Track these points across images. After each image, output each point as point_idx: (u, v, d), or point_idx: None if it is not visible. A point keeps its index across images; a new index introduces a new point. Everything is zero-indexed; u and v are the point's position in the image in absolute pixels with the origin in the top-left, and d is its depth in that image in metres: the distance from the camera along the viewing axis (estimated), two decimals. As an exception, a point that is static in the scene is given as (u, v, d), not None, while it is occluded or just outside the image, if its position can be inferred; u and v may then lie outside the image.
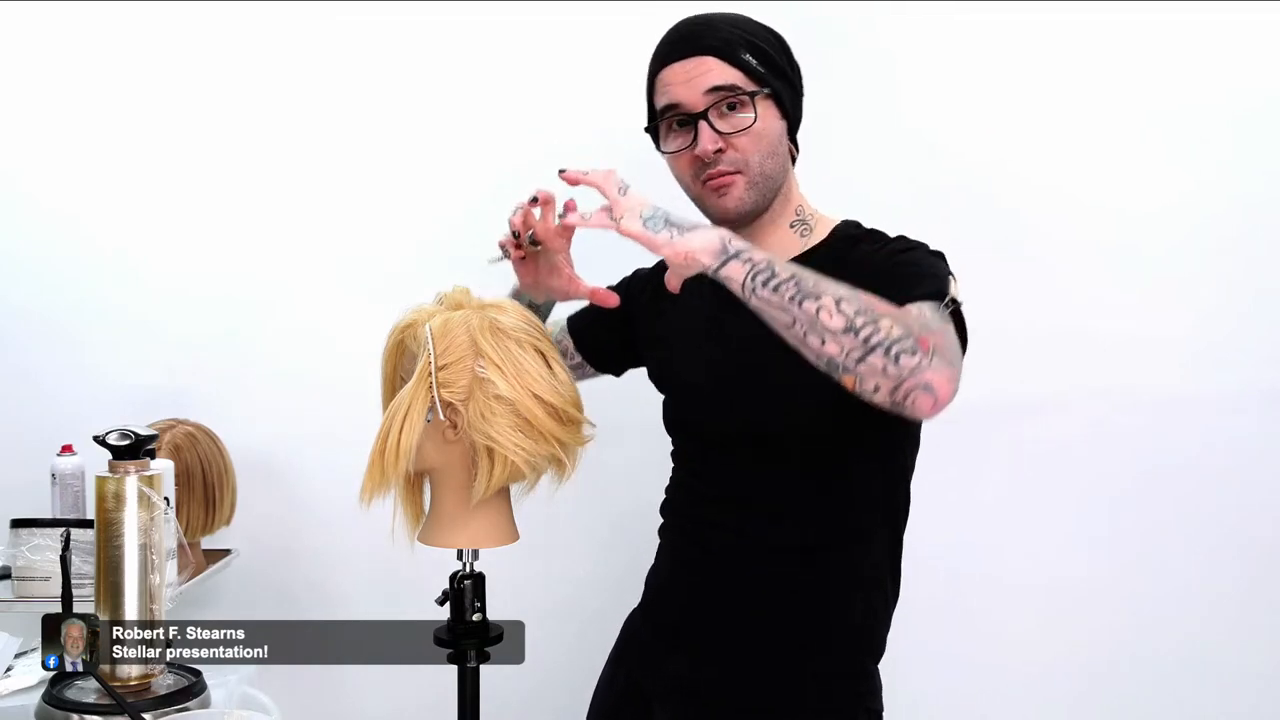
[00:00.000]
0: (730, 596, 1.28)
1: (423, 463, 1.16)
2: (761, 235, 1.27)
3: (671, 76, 1.22)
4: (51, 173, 2.07)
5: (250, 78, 2.05)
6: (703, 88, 1.20)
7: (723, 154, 1.21)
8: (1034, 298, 1.99)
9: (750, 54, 1.21)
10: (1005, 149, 1.98)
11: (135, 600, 1.26)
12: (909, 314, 1.04)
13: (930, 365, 0.98)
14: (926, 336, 1.00)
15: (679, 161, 1.25)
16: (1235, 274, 1.98)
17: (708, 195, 1.24)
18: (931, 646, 2.00)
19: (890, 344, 0.98)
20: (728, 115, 1.21)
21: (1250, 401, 1.98)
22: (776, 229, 1.28)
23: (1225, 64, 1.96)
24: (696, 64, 1.21)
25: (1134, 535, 2.00)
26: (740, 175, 1.22)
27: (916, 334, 0.99)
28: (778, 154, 1.24)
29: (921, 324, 1.02)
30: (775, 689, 1.25)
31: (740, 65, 1.20)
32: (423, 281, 1.24)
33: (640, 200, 1.09)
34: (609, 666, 1.45)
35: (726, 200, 1.23)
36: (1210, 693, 2.01)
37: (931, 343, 0.99)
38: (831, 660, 1.26)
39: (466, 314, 1.15)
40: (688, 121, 1.22)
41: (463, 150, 2.04)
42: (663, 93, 1.24)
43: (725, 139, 1.20)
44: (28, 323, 2.08)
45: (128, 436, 1.27)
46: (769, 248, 1.24)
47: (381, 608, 1.97)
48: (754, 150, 1.21)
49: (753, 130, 1.21)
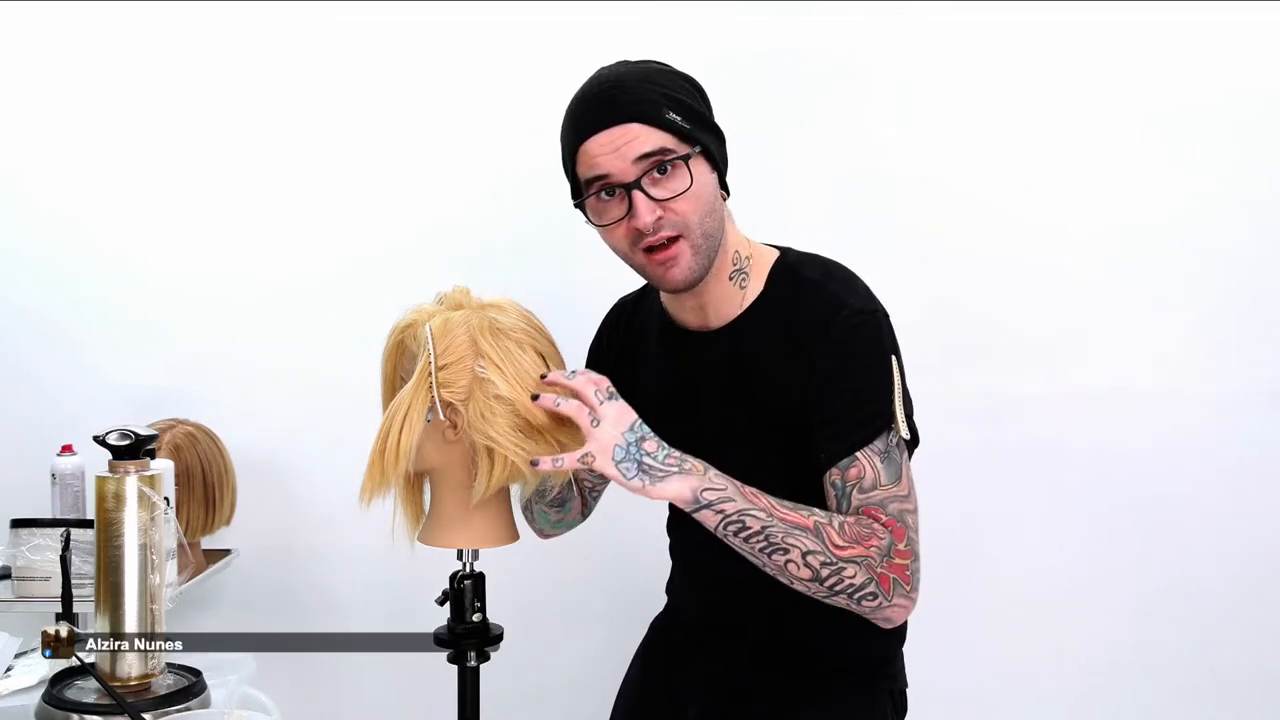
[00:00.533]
0: (747, 607, 1.28)
1: (423, 463, 1.16)
2: (704, 292, 1.23)
3: (595, 148, 1.14)
4: (51, 173, 2.07)
5: (250, 79, 2.06)
6: (631, 156, 1.13)
7: (662, 219, 1.14)
8: (1034, 298, 1.99)
9: (673, 111, 1.14)
10: (1006, 149, 1.98)
11: (135, 600, 1.25)
12: (869, 543, 1.11)
13: (889, 603, 1.13)
14: (885, 573, 1.12)
15: (614, 234, 1.18)
16: (1236, 275, 1.98)
17: (652, 268, 1.18)
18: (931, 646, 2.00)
19: (853, 592, 1.11)
20: (660, 180, 1.14)
21: (1251, 402, 1.99)
22: (719, 283, 1.23)
23: (1225, 65, 1.96)
24: (620, 132, 1.13)
25: (1134, 535, 2.00)
26: (682, 239, 1.16)
27: (878, 572, 1.11)
28: (715, 210, 1.18)
29: (881, 552, 1.12)
30: (803, 682, 1.27)
31: (666, 126, 1.14)
32: (423, 281, 1.24)
33: (613, 430, 1.10)
34: (636, 664, 1.46)
35: (675, 273, 1.17)
36: (1210, 693, 2.01)
37: (890, 578, 1.12)
38: (856, 650, 1.27)
39: (466, 314, 1.15)
40: (614, 192, 1.15)
41: (462, 151, 2.04)
42: (588, 165, 1.16)
43: (663, 205, 1.14)
44: (28, 323, 2.08)
45: (128, 436, 1.27)
46: (712, 305, 1.25)
47: (381, 608, 1.97)
48: (693, 211, 1.15)
49: (690, 193, 1.15)
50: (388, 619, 1.97)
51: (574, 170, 1.19)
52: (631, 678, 1.46)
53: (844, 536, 1.11)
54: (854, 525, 1.12)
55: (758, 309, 1.24)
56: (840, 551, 1.10)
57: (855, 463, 1.14)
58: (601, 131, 1.14)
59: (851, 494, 1.14)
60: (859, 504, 1.13)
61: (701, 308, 1.26)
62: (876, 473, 1.14)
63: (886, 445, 1.15)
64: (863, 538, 1.11)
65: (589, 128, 1.15)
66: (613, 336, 1.41)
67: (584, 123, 1.16)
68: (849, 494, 1.14)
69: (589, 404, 1.11)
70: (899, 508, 1.14)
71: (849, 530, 1.11)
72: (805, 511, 1.11)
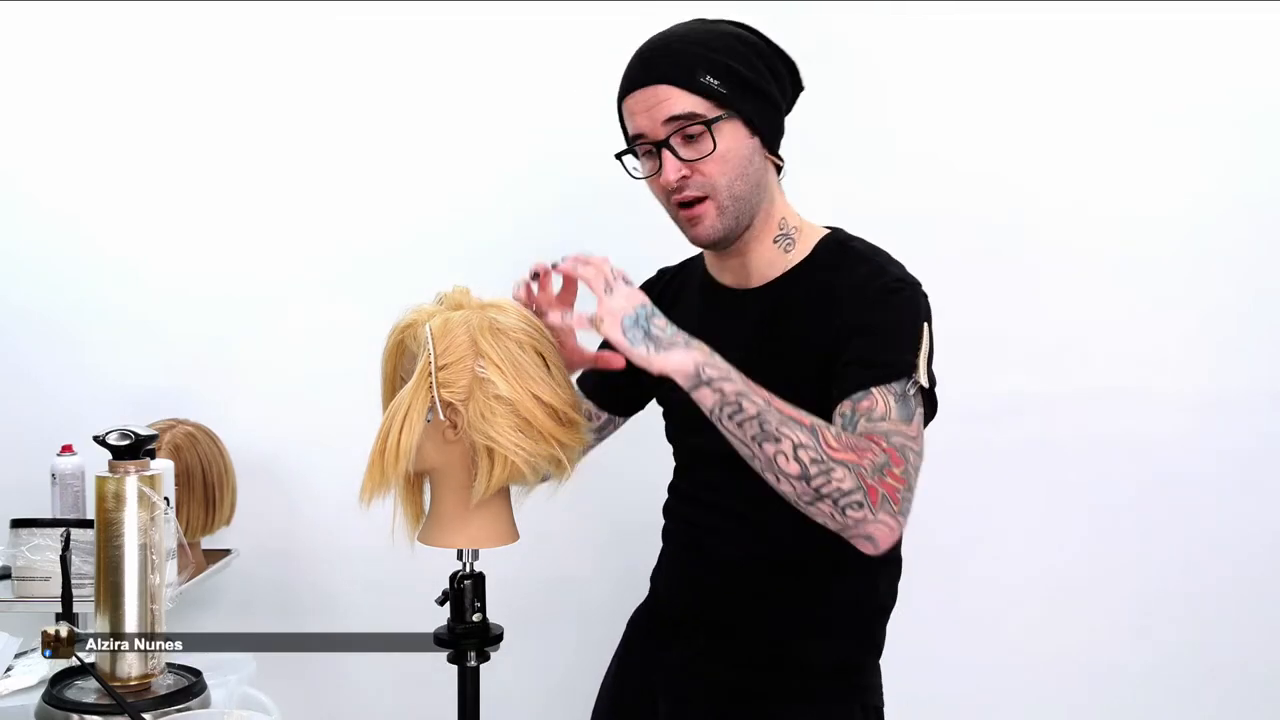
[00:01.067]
0: (729, 596, 1.30)
1: (423, 463, 1.16)
2: (745, 252, 1.28)
3: (634, 105, 1.22)
4: (52, 173, 2.07)
5: (250, 80, 2.06)
6: (661, 118, 1.19)
7: (688, 179, 1.20)
8: (1036, 299, 1.99)
9: (710, 74, 1.18)
10: (1007, 150, 1.99)
11: (135, 600, 1.25)
12: (865, 454, 1.07)
13: (874, 518, 1.07)
14: (875, 485, 1.07)
15: (652, 186, 1.25)
16: (1238, 276, 1.98)
17: (682, 223, 1.25)
18: (931, 646, 2.00)
19: (839, 497, 1.07)
20: (689, 142, 1.19)
21: (1252, 402, 1.99)
22: (760, 245, 1.28)
23: (1229, 66, 1.96)
24: (653, 93, 1.19)
25: (1134, 535, 2.00)
26: (709, 200, 1.21)
27: (868, 482, 1.07)
28: (747, 175, 1.22)
29: (874, 466, 1.07)
30: (773, 679, 1.27)
31: (698, 90, 1.18)
32: (423, 281, 1.24)
33: (625, 302, 1.12)
34: (614, 661, 1.47)
35: (699, 230, 1.23)
36: (1210, 693, 2.01)
37: (880, 492, 1.07)
38: (827, 652, 1.27)
39: (466, 314, 1.15)
40: (655, 151, 1.21)
41: (462, 151, 2.04)
42: (629, 121, 1.24)
43: (690, 165, 1.20)
44: (28, 323, 2.08)
45: (128, 436, 1.27)
46: (753, 265, 1.28)
47: (381, 608, 1.97)
48: (720, 174, 1.20)
49: (716, 156, 1.19)
50: (388, 619, 1.96)
51: (624, 124, 1.26)
52: (610, 673, 1.46)
53: (839, 442, 1.08)
54: (852, 438, 1.09)
55: (800, 272, 1.26)
56: (833, 453, 1.07)
57: (868, 395, 1.12)
58: (638, 90, 1.21)
59: (859, 422, 1.11)
60: (864, 430, 1.10)
61: (743, 267, 1.29)
62: (888, 408, 1.11)
63: (903, 390, 1.13)
64: (859, 448, 1.08)
65: (627, 85, 1.23)
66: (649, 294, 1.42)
67: (626, 80, 1.23)
68: (856, 421, 1.11)
69: (594, 290, 1.13)
70: (902, 441, 1.11)
71: (845, 439, 1.09)
72: (806, 414, 1.09)
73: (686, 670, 1.32)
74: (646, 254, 1.46)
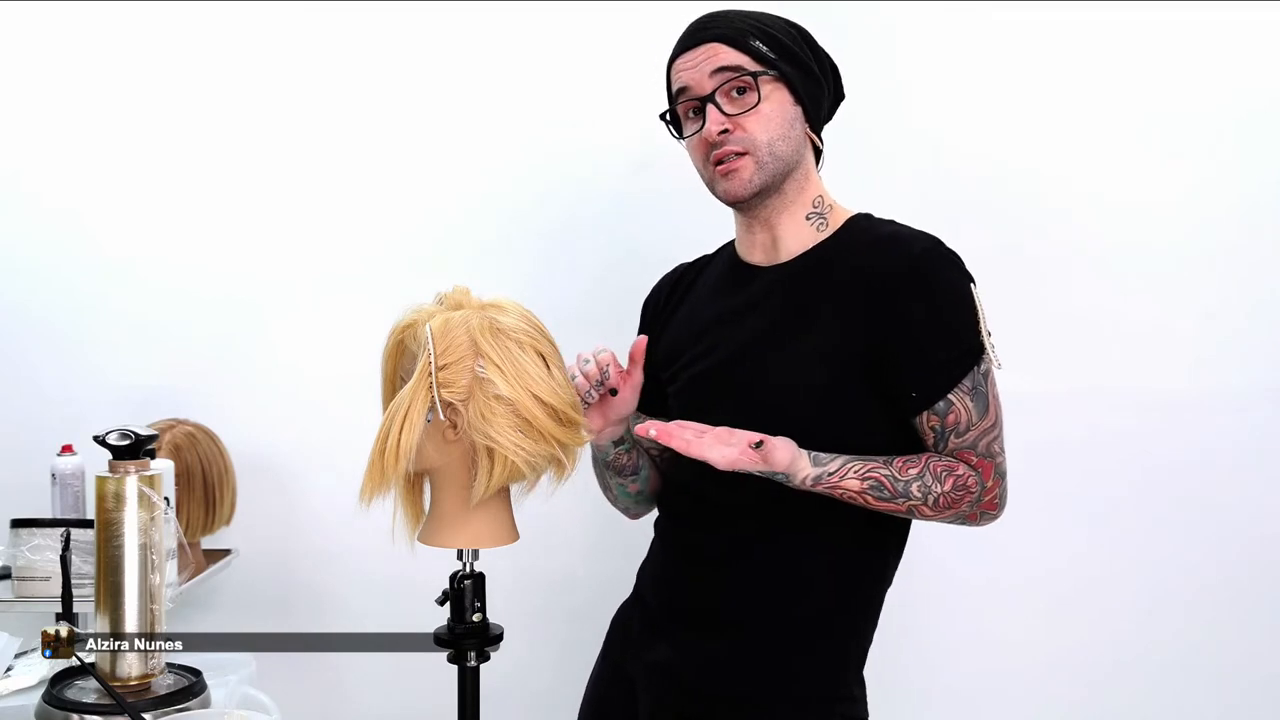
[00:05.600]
0: (715, 590, 1.30)
1: (423, 463, 1.16)
2: (776, 220, 1.30)
3: (683, 64, 1.27)
4: (53, 174, 2.07)
5: (250, 80, 2.06)
6: (709, 69, 1.24)
7: (729, 134, 1.23)
8: (1036, 297, 1.99)
9: (760, 40, 1.24)
10: (1007, 149, 1.98)
11: (135, 600, 1.25)
12: (962, 500, 1.21)
13: (978, 525, 1.26)
14: (976, 513, 1.23)
15: (693, 147, 1.28)
16: (1238, 273, 1.98)
17: (717, 179, 1.27)
18: (931, 646, 2.00)
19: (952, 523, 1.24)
20: (735, 99, 1.24)
21: (1253, 401, 1.98)
22: (793, 218, 1.30)
23: (1229, 64, 1.96)
24: (705, 50, 1.24)
25: (1135, 535, 2.00)
26: (748, 156, 1.24)
27: (969, 514, 1.23)
28: (789, 137, 1.25)
29: (973, 500, 1.22)
30: (751, 680, 1.27)
31: (747, 50, 1.23)
32: (423, 281, 1.24)
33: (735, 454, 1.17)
34: (600, 659, 1.47)
35: (733, 182, 1.25)
36: (1210, 693, 2.01)
37: (979, 513, 1.24)
38: (809, 656, 1.27)
39: (466, 314, 1.15)
40: (700, 110, 1.25)
41: (463, 151, 2.04)
42: (676, 79, 1.28)
43: (732, 120, 1.23)
44: (28, 323, 2.08)
45: (128, 436, 1.27)
46: (784, 240, 1.30)
47: (381, 608, 1.97)
48: (761, 131, 1.23)
49: (760, 111, 1.23)
50: (388, 619, 1.96)
51: (670, 87, 1.31)
52: (595, 673, 1.46)
53: (936, 509, 1.20)
54: (947, 494, 1.20)
55: (829, 246, 1.28)
56: (930, 518, 1.22)
57: (952, 408, 1.21)
58: (691, 50, 1.26)
59: (949, 438, 1.22)
60: (955, 448, 1.22)
61: (774, 243, 1.31)
62: (969, 413, 1.21)
63: (974, 380, 1.21)
64: (954, 502, 1.21)
65: (681, 46, 1.28)
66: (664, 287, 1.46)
67: (680, 43, 1.29)
68: (947, 438, 1.22)
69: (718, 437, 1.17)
70: (987, 442, 1.22)
71: (940, 502, 1.20)
72: (899, 500, 1.19)
73: (666, 668, 1.32)
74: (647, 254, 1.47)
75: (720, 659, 1.28)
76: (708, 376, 1.31)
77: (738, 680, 1.27)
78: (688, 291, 1.42)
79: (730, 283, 1.35)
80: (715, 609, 1.30)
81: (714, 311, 1.34)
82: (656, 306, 1.45)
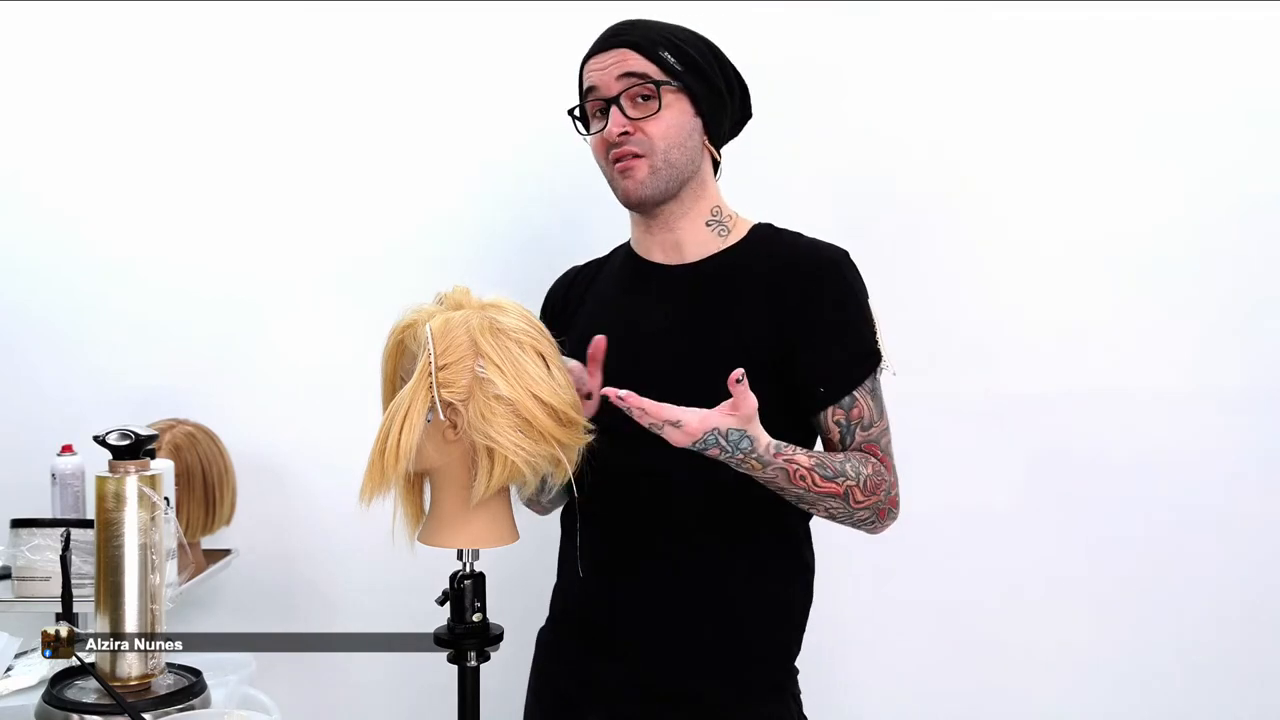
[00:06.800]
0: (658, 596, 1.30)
1: (423, 463, 1.16)
2: (676, 224, 1.35)
3: (594, 65, 1.33)
4: (53, 174, 2.07)
5: (250, 79, 2.05)
6: (616, 74, 1.30)
7: (629, 136, 1.29)
8: (1034, 298, 1.99)
9: (668, 52, 1.30)
10: (1006, 150, 1.99)
11: (135, 600, 1.25)
12: (878, 489, 1.26)
13: (881, 526, 1.30)
14: (885, 507, 1.27)
15: (595, 144, 1.34)
16: (1237, 275, 1.98)
17: (615, 176, 1.32)
18: (930, 646, 2.00)
19: (856, 523, 1.28)
20: (639, 104, 1.30)
21: (1252, 402, 1.98)
22: (692, 223, 1.35)
23: (1226, 65, 1.96)
24: (616, 54, 1.31)
25: (1134, 535, 2.00)
26: (644, 159, 1.29)
27: (880, 509, 1.27)
28: (686, 146, 1.31)
29: (886, 493, 1.27)
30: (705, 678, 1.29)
31: (655, 59, 1.29)
32: (423, 281, 1.24)
33: None
34: (532, 682, 1.46)
35: (629, 182, 1.30)
36: (1210, 693, 2.01)
37: (886, 509, 1.28)
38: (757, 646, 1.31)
39: (466, 314, 1.15)
40: (606, 110, 1.31)
41: (462, 150, 2.04)
42: (586, 78, 1.34)
43: (633, 123, 1.29)
44: (28, 323, 2.07)
45: (128, 436, 1.27)
46: (686, 242, 1.35)
47: (381, 608, 1.97)
48: (660, 137, 1.29)
49: (659, 118, 1.29)
50: (388, 619, 1.96)
51: (580, 85, 1.37)
52: (530, 699, 1.45)
53: (864, 492, 1.24)
54: (871, 477, 1.25)
55: (736, 251, 1.35)
56: (859, 506, 1.24)
57: (856, 403, 1.28)
58: (603, 53, 1.32)
59: (855, 431, 1.28)
60: (861, 441, 1.28)
61: (675, 245, 1.36)
62: (871, 411, 1.29)
63: (874, 383, 1.30)
64: (876, 487, 1.25)
65: (596, 47, 1.34)
66: (560, 290, 1.49)
67: (595, 44, 1.35)
68: (853, 431, 1.28)
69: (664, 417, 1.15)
70: (886, 440, 1.30)
71: (868, 485, 1.24)
72: (839, 480, 1.22)
73: (617, 683, 1.32)
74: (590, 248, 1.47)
75: (667, 664, 1.30)
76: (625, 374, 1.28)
77: (688, 680, 1.29)
78: (587, 290, 1.44)
79: (633, 277, 1.39)
80: (657, 616, 1.30)
81: (620, 306, 1.37)
82: (554, 311, 1.46)
